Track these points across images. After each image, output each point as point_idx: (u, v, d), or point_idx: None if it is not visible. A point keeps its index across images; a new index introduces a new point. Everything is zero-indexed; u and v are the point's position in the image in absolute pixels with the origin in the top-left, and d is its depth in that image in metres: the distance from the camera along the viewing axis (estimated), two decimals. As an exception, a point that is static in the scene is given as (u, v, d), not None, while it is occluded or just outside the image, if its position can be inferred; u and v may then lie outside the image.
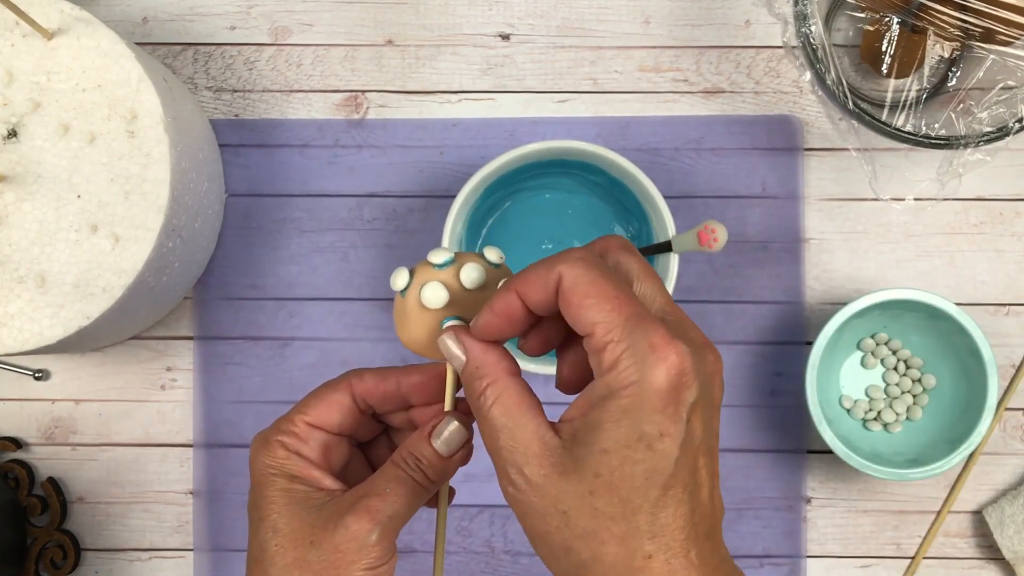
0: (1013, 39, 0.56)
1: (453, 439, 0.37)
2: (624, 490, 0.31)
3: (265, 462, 0.38)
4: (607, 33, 0.65)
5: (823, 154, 0.65)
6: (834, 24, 0.64)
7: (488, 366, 0.35)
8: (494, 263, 0.38)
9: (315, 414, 0.39)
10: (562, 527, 0.32)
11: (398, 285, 0.37)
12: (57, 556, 0.63)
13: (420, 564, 0.64)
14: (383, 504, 0.36)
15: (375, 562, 0.35)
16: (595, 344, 0.32)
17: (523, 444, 0.33)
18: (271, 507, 0.37)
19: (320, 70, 0.65)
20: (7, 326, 0.53)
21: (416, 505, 0.37)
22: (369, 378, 0.39)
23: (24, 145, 0.53)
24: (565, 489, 0.32)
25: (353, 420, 0.39)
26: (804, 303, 0.64)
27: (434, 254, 0.38)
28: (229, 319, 0.65)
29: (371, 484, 0.37)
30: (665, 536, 0.32)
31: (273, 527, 0.36)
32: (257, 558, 0.36)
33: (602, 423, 0.32)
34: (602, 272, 0.33)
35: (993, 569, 0.64)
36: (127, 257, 0.53)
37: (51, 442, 0.65)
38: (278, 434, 0.38)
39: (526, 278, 0.34)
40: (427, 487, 0.37)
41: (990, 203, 0.65)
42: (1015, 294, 0.64)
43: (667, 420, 0.31)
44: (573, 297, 0.33)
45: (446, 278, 0.37)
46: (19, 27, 0.54)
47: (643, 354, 0.31)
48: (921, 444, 0.61)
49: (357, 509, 0.36)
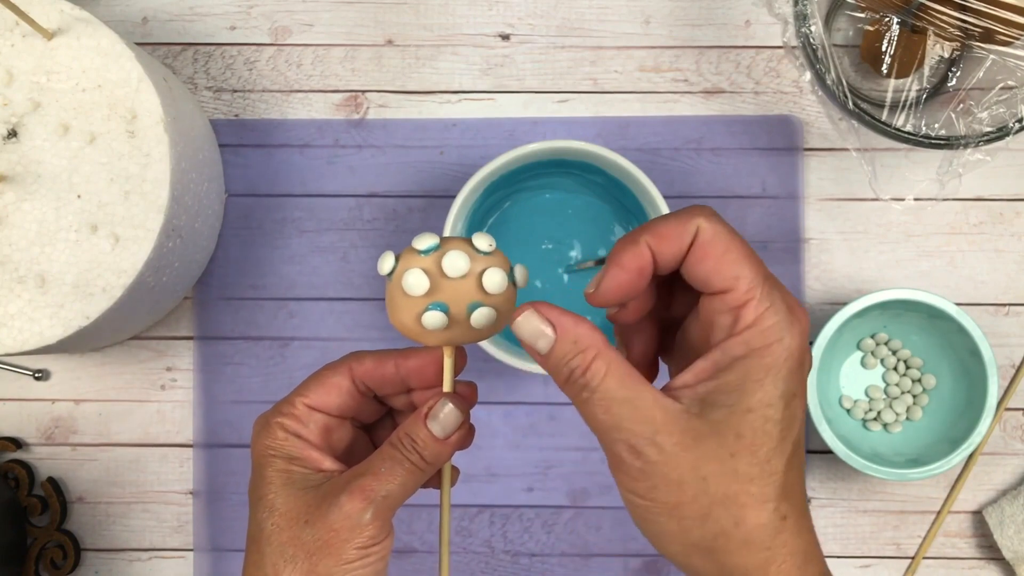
0: (1013, 39, 0.55)
1: (448, 421, 0.37)
2: (764, 451, 0.31)
3: (265, 443, 0.38)
4: (607, 33, 0.65)
5: (823, 154, 0.65)
6: (834, 24, 0.64)
7: (587, 337, 0.33)
8: (483, 251, 0.37)
9: (314, 397, 0.39)
10: (700, 494, 0.31)
11: (384, 269, 0.37)
12: (57, 556, 0.63)
13: (421, 564, 0.64)
14: (377, 484, 0.36)
15: (368, 541, 0.35)
16: (733, 300, 0.32)
17: (647, 414, 0.32)
18: (269, 487, 0.37)
19: (320, 70, 0.65)
20: (7, 326, 0.53)
21: (412, 486, 0.37)
22: (368, 361, 0.39)
23: (24, 145, 0.53)
24: (703, 454, 0.31)
25: (354, 402, 0.39)
26: (804, 303, 0.64)
27: (419, 239, 0.37)
28: (229, 319, 0.65)
29: (367, 464, 0.37)
30: (794, 496, 0.32)
31: (270, 506, 0.36)
32: (254, 537, 0.37)
33: (744, 383, 0.31)
34: (734, 230, 0.33)
35: (993, 569, 0.64)
36: (127, 257, 0.53)
37: (51, 442, 0.65)
38: (278, 416, 0.38)
39: (658, 230, 0.33)
40: (423, 468, 0.37)
41: (990, 203, 0.65)
42: (1015, 294, 0.64)
43: (800, 381, 0.32)
44: (713, 250, 0.32)
45: (429, 265, 0.36)
46: (19, 27, 0.54)
47: (783, 313, 0.32)
48: (921, 444, 0.61)
49: (351, 488, 0.36)
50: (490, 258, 0.37)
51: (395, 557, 0.64)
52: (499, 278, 0.37)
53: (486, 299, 0.37)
